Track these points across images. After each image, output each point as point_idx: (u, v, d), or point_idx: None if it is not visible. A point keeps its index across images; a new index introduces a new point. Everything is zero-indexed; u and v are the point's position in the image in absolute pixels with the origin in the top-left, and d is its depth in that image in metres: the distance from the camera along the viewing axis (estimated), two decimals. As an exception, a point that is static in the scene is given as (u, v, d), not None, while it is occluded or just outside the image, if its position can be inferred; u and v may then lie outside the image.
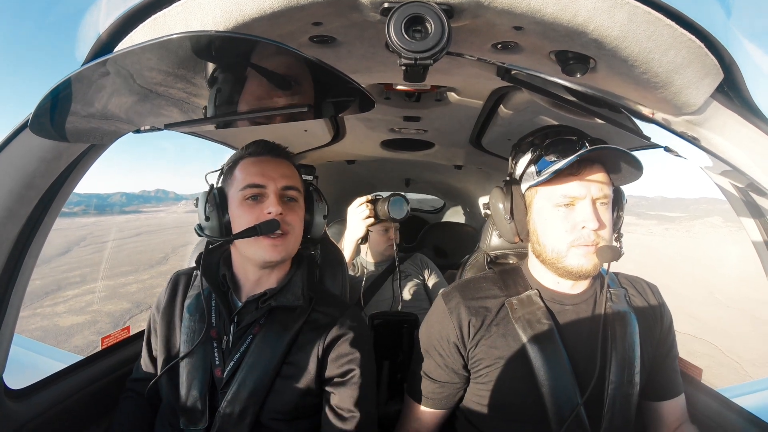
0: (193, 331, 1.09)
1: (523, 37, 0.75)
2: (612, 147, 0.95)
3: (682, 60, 0.70)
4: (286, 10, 0.65)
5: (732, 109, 0.82)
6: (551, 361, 1.02)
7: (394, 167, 3.09)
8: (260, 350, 1.04)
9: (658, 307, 1.14)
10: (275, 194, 1.07)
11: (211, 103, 0.89)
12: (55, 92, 0.69)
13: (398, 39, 0.61)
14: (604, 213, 1.01)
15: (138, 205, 36.47)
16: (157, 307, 1.19)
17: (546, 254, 1.05)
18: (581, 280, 1.06)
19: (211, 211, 1.08)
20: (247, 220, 1.05)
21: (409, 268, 2.43)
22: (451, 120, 1.74)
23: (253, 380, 1.01)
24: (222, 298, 1.10)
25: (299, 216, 1.14)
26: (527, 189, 1.09)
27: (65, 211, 11.92)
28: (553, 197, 1.02)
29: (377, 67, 1.01)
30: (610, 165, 1.04)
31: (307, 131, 1.94)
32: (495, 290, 1.15)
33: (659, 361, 1.12)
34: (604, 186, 1.00)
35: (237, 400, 1.00)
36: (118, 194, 35.64)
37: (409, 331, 1.74)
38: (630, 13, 0.63)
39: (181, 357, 1.06)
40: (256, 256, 1.06)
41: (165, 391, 1.08)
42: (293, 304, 1.09)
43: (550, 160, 1.04)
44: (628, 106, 0.88)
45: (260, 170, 1.08)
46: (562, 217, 1.01)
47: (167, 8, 0.68)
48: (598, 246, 0.99)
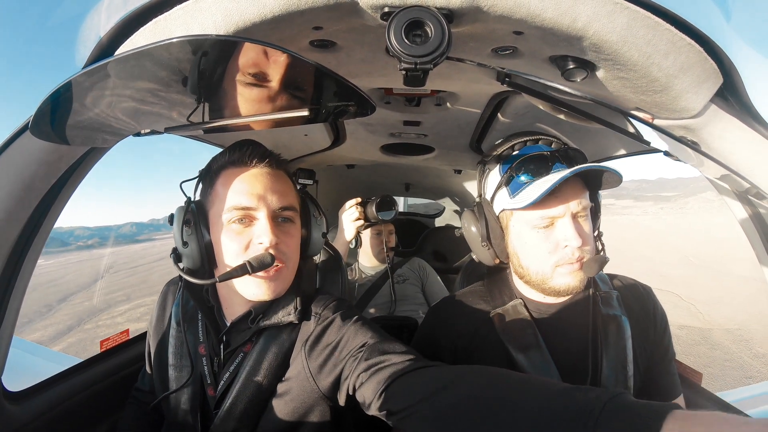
0: (180, 342, 1.02)
1: (523, 42, 0.76)
2: (588, 166, 0.91)
3: (681, 64, 0.70)
4: (287, 14, 0.65)
5: (732, 114, 0.82)
6: (539, 371, 1.00)
7: (394, 172, 3.09)
8: (251, 369, 0.94)
9: (651, 309, 1.12)
10: (268, 218, 0.90)
11: (211, 107, 0.89)
12: (56, 95, 0.69)
13: (398, 43, 0.61)
14: (585, 226, 0.98)
15: (149, 233, 36.69)
16: (150, 321, 1.15)
17: (530, 276, 1.02)
18: (569, 296, 1.03)
19: (190, 234, 0.92)
20: (234, 249, 0.90)
21: (407, 272, 2.45)
22: (451, 124, 1.74)
23: (245, 400, 0.93)
24: (208, 314, 1.01)
25: (296, 239, 0.99)
26: (501, 212, 1.05)
27: (81, 245, 12.18)
28: (531, 219, 0.98)
29: (377, 72, 1.02)
30: (589, 178, 1.01)
31: (307, 136, 1.94)
32: (482, 303, 1.13)
33: (655, 364, 1.10)
34: (582, 199, 0.96)
35: (230, 419, 0.92)
36: (129, 224, 35.98)
37: (408, 336, 1.74)
38: (629, 17, 0.63)
39: (175, 390, 0.99)
40: (247, 294, 0.93)
41: (165, 410, 1.03)
42: (284, 321, 0.97)
43: (522, 180, 0.98)
44: (627, 111, 0.88)
45: (249, 188, 0.91)
46: (543, 238, 0.97)
47: (168, 12, 0.68)
48: (583, 261, 0.96)
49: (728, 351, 6.80)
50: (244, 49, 0.68)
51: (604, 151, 1.60)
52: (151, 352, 1.12)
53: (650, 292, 1.16)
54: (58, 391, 1.20)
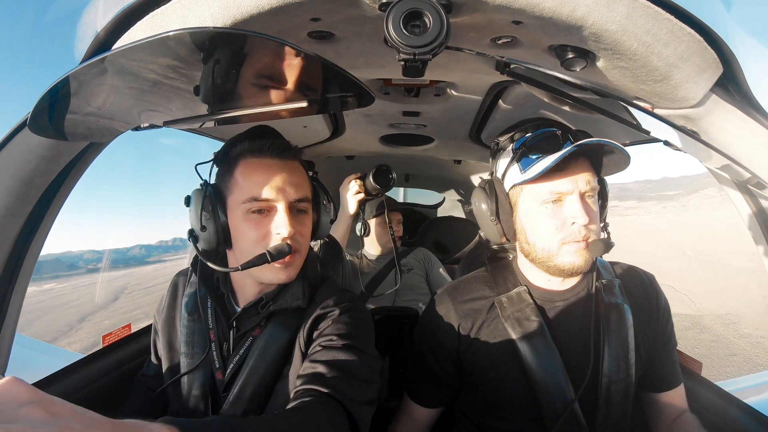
0: (192, 331, 1.05)
1: (522, 32, 0.75)
2: (597, 140, 0.93)
3: (681, 54, 0.70)
4: (284, 5, 0.65)
5: (732, 103, 0.81)
6: (542, 358, 1.01)
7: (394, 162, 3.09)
8: (260, 352, 0.98)
9: (654, 297, 1.13)
10: (286, 211, 0.94)
11: (209, 100, 0.89)
12: (54, 91, 0.69)
13: (397, 34, 0.61)
14: (592, 206, 0.99)
15: (159, 255, 36.95)
16: (158, 310, 1.16)
17: (536, 253, 1.02)
18: (573, 277, 1.04)
19: (208, 219, 0.96)
20: (252, 237, 0.95)
21: (412, 262, 2.46)
22: (451, 115, 1.73)
23: (254, 383, 0.96)
24: (219, 302, 1.04)
25: (309, 228, 1.04)
26: (511, 188, 1.06)
27: (91, 268, 12.16)
28: (540, 194, 0.99)
29: (376, 62, 1.01)
30: (595, 157, 1.02)
31: (306, 127, 1.93)
32: (485, 290, 1.14)
33: (657, 352, 1.11)
34: (590, 179, 0.98)
35: (238, 403, 0.96)
36: (137, 247, 36.03)
37: (410, 326, 1.75)
38: (629, 6, 0.63)
39: (185, 373, 1.02)
40: (264, 278, 0.98)
41: (171, 397, 1.05)
42: (292, 306, 1.01)
43: (533, 157, 1.00)
44: (627, 100, 0.88)
45: (268, 179, 0.94)
46: (551, 214, 0.98)
47: (165, 5, 0.68)
48: (589, 241, 0.97)
49: (716, 333, 7.30)
50: (241, 42, 0.68)
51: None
52: (158, 340, 1.14)
53: (653, 280, 1.17)
54: (62, 387, 1.21)
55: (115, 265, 11.02)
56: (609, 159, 1.01)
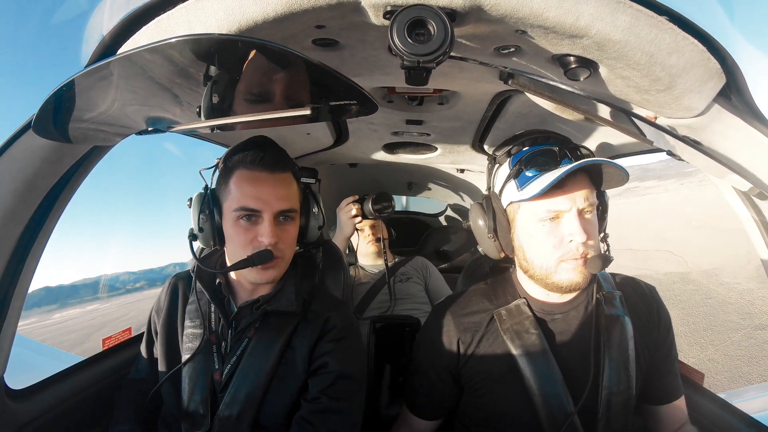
0: (195, 337, 1.09)
1: (526, 41, 0.75)
2: (593, 160, 0.92)
3: (684, 64, 0.70)
4: (289, 13, 0.65)
5: (735, 113, 0.81)
6: (542, 371, 1.00)
7: (397, 170, 3.08)
8: (255, 353, 1.05)
9: (655, 309, 1.12)
10: (270, 221, 1.02)
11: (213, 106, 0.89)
12: (59, 94, 0.70)
13: (401, 42, 0.61)
14: (591, 222, 0.98)
15: None
16: (157, 312, 1.19)
17: (534, 270, 1.02)
18: (572, 293, 1.03)
19: (205, 221, 1.06)
20: (240, 241, 1.03)
21: (410, 271, 2.44)
22: (454, 123, 1.73)
23: (249, 383, 1.02)
24: (219, 304, 1.10)
25: (293, 234, 1.10)
26: (508, 204, 1.05)
27: (129, 288, 11.93)
28: (538, 213, 0.98)
29: (380, 70, 1.01)
30: (595, 172, 1.01)
31: (309, 134, 1.94)
32: (485, 303, 1.13)
33: (657, 364, 1.10)
34: (589, 195, 0.97)
35: (235, 403, 1.00)
36: (171, 265, 35.71)
37: (410, 335, 1.74)
38: (632, 17, 0.63)
39: (184, 362, 1.06)
40: (250, 279, 1.07)
41: (167, 397, 1.08)
42: (287, 309, 1.08)
43: (530, 174, 0.99)
44: (630, 110, 0.88)
45: (256, 192, 1.02)
46: (548, 232, 0.97)
47: (170, 11, 0.68)
48: (587, 257, 0.96)
49: (699, 284, 8.51)
50: (246, 48, 0.68)
51: (606, 150, 1.59)
52: (155, 342, 1.16)
53: (654, 291, 1.16)
54: (61, 389, 1.20)
55: (153, 284, 11.21)
56: (608, 173, 1.00)
